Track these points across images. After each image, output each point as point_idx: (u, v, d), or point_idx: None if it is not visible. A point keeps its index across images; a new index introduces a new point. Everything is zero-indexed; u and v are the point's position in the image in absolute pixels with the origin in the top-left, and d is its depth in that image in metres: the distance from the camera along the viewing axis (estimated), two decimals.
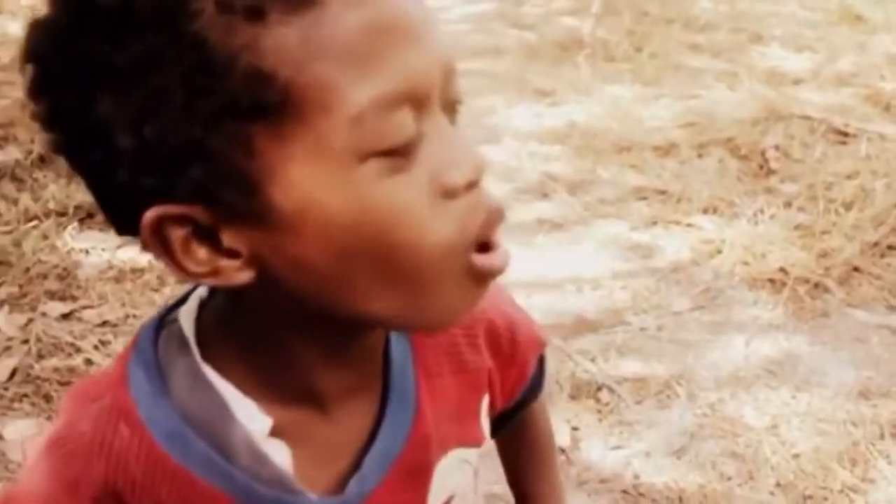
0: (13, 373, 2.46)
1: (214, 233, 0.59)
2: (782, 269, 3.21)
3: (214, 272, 0.59)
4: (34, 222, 3.10)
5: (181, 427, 0.65)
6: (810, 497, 2.28)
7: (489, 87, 4.82)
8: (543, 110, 4.56)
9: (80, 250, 3.01)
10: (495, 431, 0.88)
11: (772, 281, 3.17)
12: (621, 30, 5.81)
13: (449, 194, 0.57)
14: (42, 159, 3.50)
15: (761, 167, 3.97)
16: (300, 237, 0.56)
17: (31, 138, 3.64)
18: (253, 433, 0.66)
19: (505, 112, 4.51)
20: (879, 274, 3.25)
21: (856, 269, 3.26)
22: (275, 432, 0.67)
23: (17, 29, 4.95)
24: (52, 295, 2.79)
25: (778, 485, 2.31)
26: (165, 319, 0.70)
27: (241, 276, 0.59)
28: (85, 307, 2.76)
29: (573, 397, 2.55)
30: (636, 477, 2.31)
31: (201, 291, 0.69)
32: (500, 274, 0.61)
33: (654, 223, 3.53)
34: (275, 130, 0.54)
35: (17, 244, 2.97)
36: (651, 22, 6.08)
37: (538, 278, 3.06)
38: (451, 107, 0.62)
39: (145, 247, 0.61)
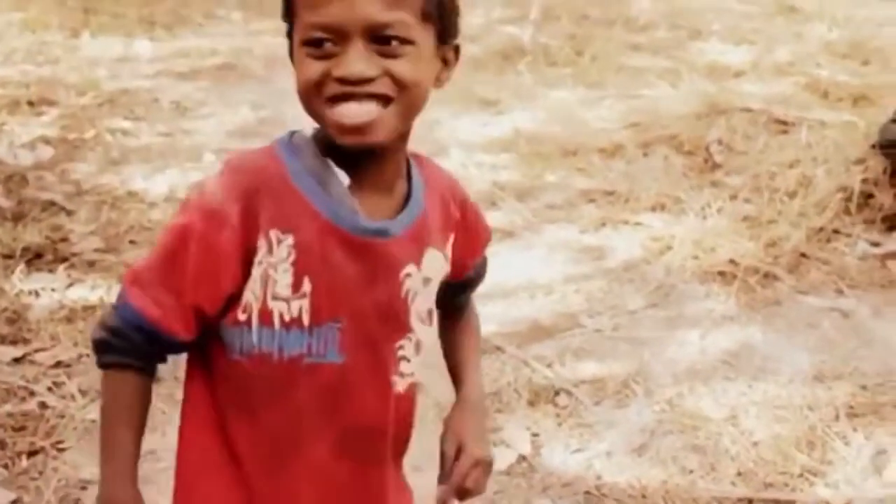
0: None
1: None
2: (732, 261, 3.26)
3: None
4: None
5: (304, 171, 1.14)
6: (771, 484, 2.31)
7: (434, 100, 4.76)
8: (489, 119, 4.59)
9: (30, 292, 2.98)
10: (448, 300, 1.30)
11: (722, 273, 3.21)
12: (562, 35, 5.86)
13: (333, 79, 1.08)
14: None
15: (706, 161, 4.03)
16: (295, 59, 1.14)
17: None
18: (342, 182, 1.14)
19: (451, 123, 4.53)
20: (826, 259, 3.31)
21: (803, 255, 3.32)
22: (350, 188, 1.14)
23: None
24: (2, 339, 2.75)
25: (739, 474, 2.34)
26: (294, 134, 1.18)
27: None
28: (37, 350, 2.72)
29: (531, 403, 2.56)
30: (598, 478, 2.33)
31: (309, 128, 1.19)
32: (351, 122, 1.09)
33: (604, 224, 3.56)
34: (294, 20, 1.13)
35: None
36: (591, 25, 6.15)
37: (492, 287, 3.04)
38: (381, 41, 1.08)
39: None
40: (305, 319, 1.14)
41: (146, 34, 5.63)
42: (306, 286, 1.13)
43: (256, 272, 1.12)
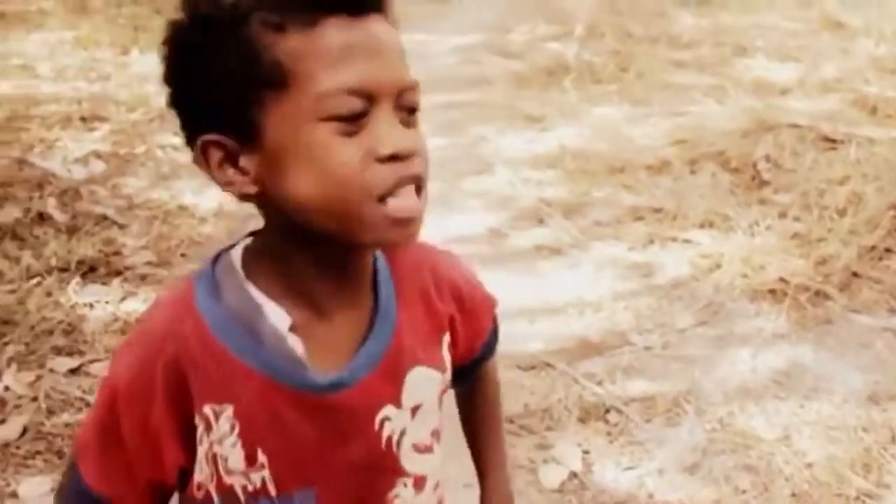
0: (24, 430, 2.47)
1: (236, 158, 0.90)
2: (782, 280, 3.23)
3: (230, 182, 0.91)
4: (37, 279, 3.12)
5: (228, 322, 0.94)
6: None
7: (479, 117, 4.86)
8: (534, 136, 4.59)
9: (85, 304, 3.03)
10: (459, 381, 1.14)
11: (772, 291, 3.19)
12: (606, 51, 5.87)
13: (377, 159, 0.87)
14: (41, 217, 3.53)
15: (754, 179, 4.00)
16: (276, 163, 0.88)
17: (30, 196, 3.67)
18: (279, 326, 0.94)
19: (496, 140, 4.55)
20: (879, 277, 3.27)
21: (855, 274, 3.28)
22: (292, 329, 0.94)
23: (10, 89, 5.00)
24: (58, 351, 2.80)
25: (793, 495, 2.31)
26: (220, 255, 0.98)
27: (247, 188, 0.91)
28: (92, 361, 2.76)
29: (582, 421, 2.56)
30: (650, 496, 2.31)
31: (247, 240, 0.99)
32: (410, 216, 0.89)
33: (652, 242, 3.55)
34: (277, 96, 0.87)
35: (22, 302, 2.99)
36: (635, 42, 6.15)
37: (540, 304, 3.08)
38: (406, 110, 0.90)
39: (195, 161, 0.92)
40: (272, 489, 0.97)
41: None
42: (261, 458, 0.96)
43: (200, 452, 0.96)
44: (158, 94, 4.33)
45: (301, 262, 0.94)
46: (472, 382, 1.22)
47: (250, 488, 0.97)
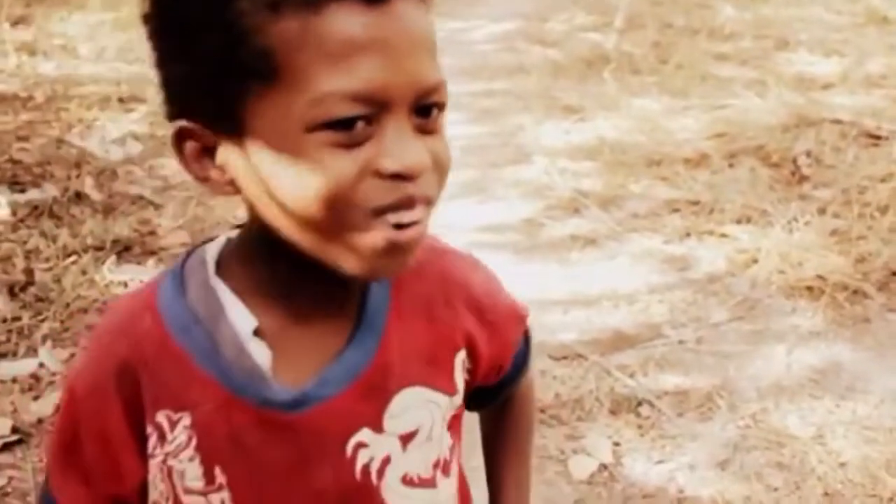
0: (58, 407, 2.49)
1: (213, 151, 0.78)
2: (820, 277, 3.18)
3: (206, 178, 0.80)
4: (73, 258, 3.15)
5: (189, 322, 0.83)
6: None
7: (517, 106, 4.83)
8: (572, 127, 4.56)
9: (119, 283, 3.05)
10: (481, 404, 1.03)
11: (810, 288, 3.14)
12: (646, 42, 5.81)
13: (377, 175, 0.73)
14: (78, 196, 3.55)
15: (793, 174, 3.95)
16: (258, 165, 0.76)
17: (67, 175, 3.71)
18: (240, 331, 0.83)
19: (534, 130, 4.52)
20: None
21: (894, 273, 3.22)
22: (260, 333, 0.83)
23: (51, 69, 5.04)
24: (93, 329, 2.82)
25: (826, 494, 2.28)
26: (197, 248, 0.88)
27: (224, 188, 0.80)
28: None
29: (613, 413, 2.54)
30: (681, 491, 2.29)
31: (230, 233, 0.89)
32: (406, 242, 0.76)
33: (688, 235, 3.51)
34: (264, 89, 0.73)
35: (58, 280, 3.01)
36: (675, 33, 6.08)
37: (574, 295, 3.06)
38: (424, 111, 0.76)
39: (172, 144, 0.80)
40: None
41: None
42: (220, 477, 0.85)
43: (153, 466, 0.86)
44: None
45: (282, 261, 0.81)
46: (500, 405, 1.07)
47: None
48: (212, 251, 0.86)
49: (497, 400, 1.05)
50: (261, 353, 0.83)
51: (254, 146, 0.75)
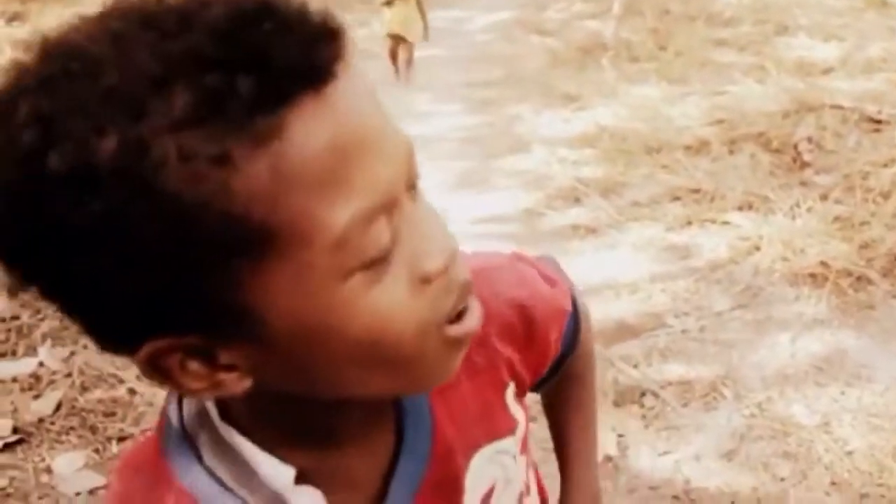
0: (58, 406, 2.48)
1: (211, 352, 0.60)
2: (823, 263, 3.16)
3: (215, 385, 0.61)
4: None
5: (217, 492, 0.68)
6: (866, 495, 2.23)
7: (515, 96, 4.81)
8: (571, 115, 4.54)
9: None
10: (539, 387, 0.93)
11: (813, 276, 3.12)
12: (644, 29, 5.78)
13: (425, 281, 0.60)
14: None
15: (794, 160, 3.93)
16: (293, 350, 0.59)
17: None
18: (279, 486, 0.69)
19: (532, 119, 4.49)
20: None
21: None
22: (302, 478, 0.69)
23: None
24: None
25: (833, 483, 2.27)
26: (177, 406, 0.72)
27: (241, 384, 0.62)
28: None
29: (617, 404, 2.52)
30: (687, 482, 2.28)
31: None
32: (472, 334, 0.65)
33: (690, 223, 3.49)
34: (257, 265, 0.55)
35: None
36: (673, 20, 6.05)
37: (576, 284, 3.03)
38: (412, 186, 0.62)
39: (145, 375, 0.61)
40: None
41: None
42: None
43: None
44: None
45: (315, 407, 0.68)
46: (555, 385, 0.98)
47: None
48: (201, 425, 0.70)
49: (554, 379, 0.95)
50: (312, 499, 0.70)
51: (280, 331, 0.58)
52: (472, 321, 0.65)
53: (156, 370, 0.60)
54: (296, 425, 0.69)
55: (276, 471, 0.68)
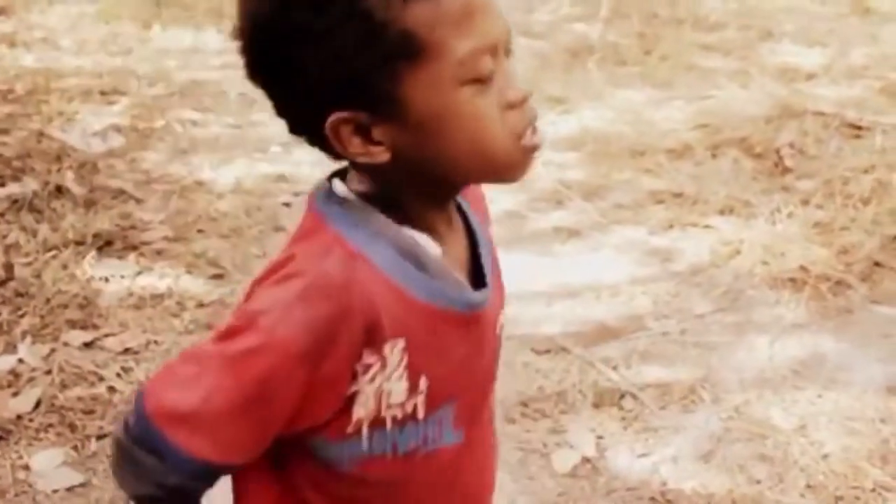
0: (38, 403, 2.47)
1: (368, 129, 0.91)
2: (803, 268, 3.19)
3: (367, 153, 0.92)
4: (53, 252, 3.12)
5: (399, 261, 0.95)
6: (841, 498, 2.25)
7: None
8: (556, 118, 4.54)
9: (100, 278, 3.02)
10: None
11: (793, 280, 3.15)
12: (631, 33, 5.79)
13: (509, 106, 0.92)
14: (59, 190, 3.52)
15: (776, 165, 3.95)
16: (423, 132, 0.91)
17: (48, 168, 3.67)
18: (435, 255, 0.98)
19: None
20: None
21: (877, 264, 3.23)
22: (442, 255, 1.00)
23: (31, 61, 5.00)
24: (73, 324, 2.80)
25: (808, 486, 2.29)
26: (331, 201, 0.98)
27: (382, 156, 0.92)
28: (106, 335, 2.76)
29: (596, 406, 2.53)
30: (664, 483, 2.29)
31: (337, 187, 0.99)
32: (540, 147, 0.96)
33: (672, 226, 3.51)
34: (412, 66, 0.87)
35: (38, 275, 2.99)
36: (661, 24, 6.06)
37: (557, 287, 3.05)
38: (508, 53, 0.94)
39: (331, 139, 0.92)
40: (420, 413, 1.00)
41: (214, 25, 5.67)
42: (423, 384, 0.99)
43: (369, 389, 0.95)
44: (179, 69, 4.33)
45: (418, 200, 0.97)
46: None
47: (399, 416, 0.99)
48: (358, 205, 0.97)
49: None
50: (452, 269, 1.00)
51: (419, 116, 0.89)
52: (539, 137, 0.95)
53: (335, 136, 0.91)
54: (415, 218, 0.97)
55: (429, 245, 0.97)
